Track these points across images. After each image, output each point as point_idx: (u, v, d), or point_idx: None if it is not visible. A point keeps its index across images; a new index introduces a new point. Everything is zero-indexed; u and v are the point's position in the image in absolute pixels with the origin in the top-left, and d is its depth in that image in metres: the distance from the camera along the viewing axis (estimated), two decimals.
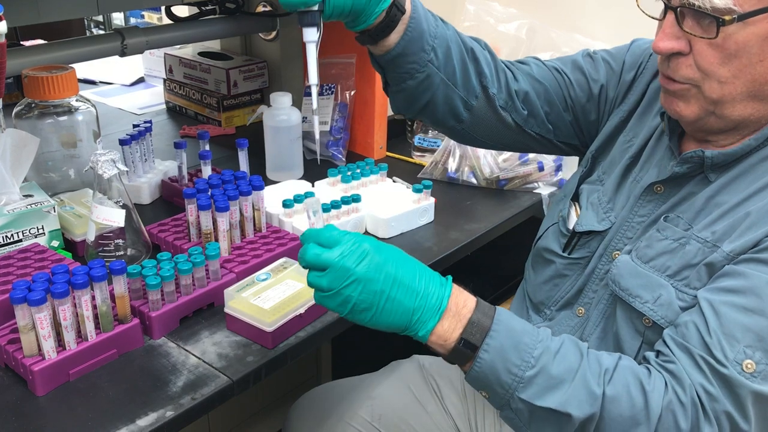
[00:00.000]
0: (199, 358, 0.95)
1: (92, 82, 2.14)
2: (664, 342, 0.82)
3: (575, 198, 1.06)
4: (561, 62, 1.10)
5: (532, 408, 0.78)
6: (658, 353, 0.82)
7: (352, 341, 1.65)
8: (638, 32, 1.07)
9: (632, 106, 1.04)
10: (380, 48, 0.94)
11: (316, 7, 0.81)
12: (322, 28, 0.85)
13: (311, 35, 0.83)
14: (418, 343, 0.82)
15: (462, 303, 0.81)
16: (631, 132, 1.02)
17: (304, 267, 0.80)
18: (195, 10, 1.74)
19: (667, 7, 0.83)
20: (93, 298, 0.92)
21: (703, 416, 0.76)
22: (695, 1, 0.78)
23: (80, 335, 0.92)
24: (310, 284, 0.79)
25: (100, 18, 3.09)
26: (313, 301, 1.01)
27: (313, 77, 0.85)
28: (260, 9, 1.79)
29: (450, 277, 0.83)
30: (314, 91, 0.86)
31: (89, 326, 0.91)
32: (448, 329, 0.79)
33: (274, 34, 1.82)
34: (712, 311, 0.79)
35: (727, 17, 0.77)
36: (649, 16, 0.86)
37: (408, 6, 0.93)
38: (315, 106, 0.85)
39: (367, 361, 1.43)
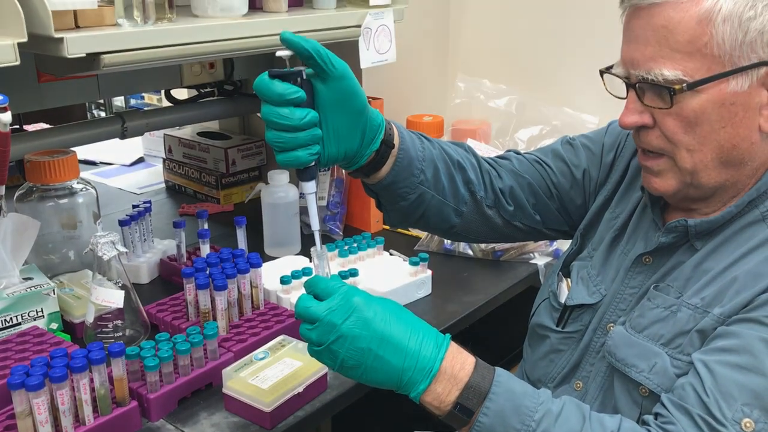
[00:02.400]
0: None
1: (93, 163, 2.18)
2: (662, 404, 0.82)
3: (566, 273, 1.08)
4: (541, 153, 1.14)
5: None
6: (657, 415, 0.82)
7: (352, 419, 1.62)
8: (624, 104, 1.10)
9: (615, 185, 1.07)
10: (372, 179, 0.96)
11: (312, 163, 0.85)
12: (318, 178, 0.88)
13: (310, 188, 0.87)
14: (419, 419, 0.82)
15: (459, 365, 0.80)
16: (618, 208, 1.05)
17: (296, 318, 0.81)
18: (194, 92, 1.79)
19: (628, 86, 0.86)
20: (91, 381, 0.92)
21: None
22: (648, 75, 0.82)
23: (78, 419, 0.91)
24: (301, 336, 0.80)
25: (101, 100, 3.17)
26: (312, 380, 1.01)
27: (315, 224, 0.88)
28: None
29: (448, 337, 0.82)
30: (317, 236, 0.89)
31: (87, 410, 0.91)
32: (443, 392, 0.78)
33: None
34: (707, 371, 0.79)
35: (677, 87, 0.80)
36: (616, 96, 0.90)
37: (396, 140, 0.95)
38: (319, 249, 0.89)
39: None
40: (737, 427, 0.75)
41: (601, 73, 0.90)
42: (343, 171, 1.63)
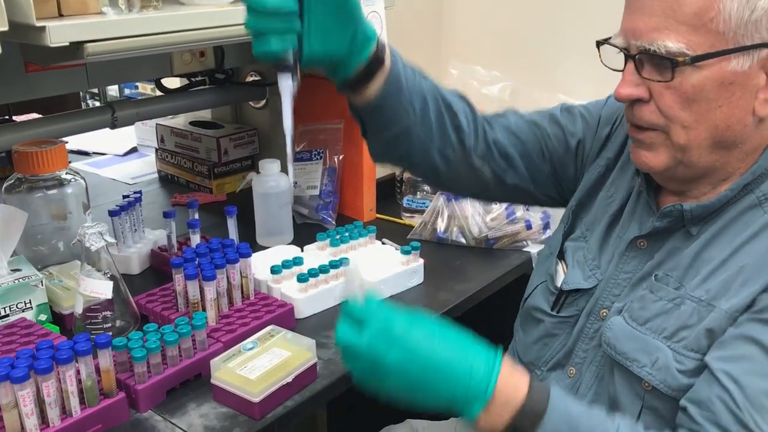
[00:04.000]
0: None
1: (86, 153, 2.17)
2: (693, 419, 0.80)
3: (561, 256, 1.07)
4: (539, 115, 1.11)
5: None
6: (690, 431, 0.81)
7: (346, 406, 1.62)
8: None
9: (610, 161, 1.05)
10: (359, 99, 0.94)
11: (291, 58, 0.81)
12: (299, 77, 0.84)
13: (286, 83, 0.83)
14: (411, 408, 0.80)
15: (513, 388, 0.78)
16: (612, 187, 1.03)
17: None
18: (185, 81, 1.78)
19: (627, 57, 0.85)
20: (78, 372, 0.91)
21: None
22: (650, 46, 0.80)
23: (65, 411, 0.91)
24: (344, 367, 0.81)
25: (95, 89, 3.15)
26: (301, 370, 1.01)
27: (288, 127, 0.86)
28: (249, 78, 1.83)
29: (500, 354, 0.80)
30: (289, 140, 0.86)
31: (74, 402, 0.90)
32: (497, 416, 0.77)
33: (263, 102, 1.85)
34: (734, 384, 0.78)
35: (680, 59, 0.79)
36: (612, 69, 0.88)
37: (388, 59, 0.92)
38: (290, 151, 0.87)
39: (360, 426, 1.41)
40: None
41: (598, 44, 0.89)
42: (336, 159, 1.62)
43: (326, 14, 0.83)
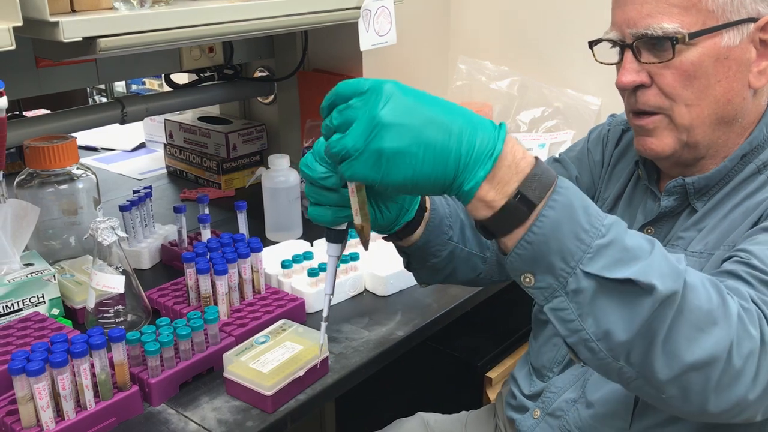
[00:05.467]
0: (198, 425, 0.94)
1: (94, 149, 2.17)
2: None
3: None
4: None
5: (600, 285, 0.64)
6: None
7: (356, 400, 1.63)
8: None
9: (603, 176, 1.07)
10: (406, 242, 0.94)
11: (344, 226, 0.82)
12: (345, 243, 0.84)
13: (333, 251, 0.83)
14: (422, 401, 0.80)
15: (521, 153, 0.67)
16: (605, 194, 1.05)
17: (325, 138, 0.69)
18: (194, 76, 1.78)
19: (624, 47, 0.87)
20: (92, 366, 0.92)
21: (767, 325, 0.69)
22: (647, 30, 0.84)
23: (79, 404, 0.91)
24: (332, 154, 0.67)
25: (101, 85, 3.16)
26: (312, 363, 1.01)
27: (329, 288, 0.84)
28: (258, 74, 1.84)
29: (504, 124, 0.68)
30: (326, 300, 0.85)
31: (88, 395, 0.91)
32: (503, 180, 0.66)
33: (271, 97, 1.86)
34: (746, 254, 0.75)
35: (678, 36, 0.83)
36: (608, 63, 0.92)
37: (428, 202, 0.93)
38: (326, 313, 0.85)
39: (371, 420, 1.42)
40: None
41: (591, 45, 0.92)
42: None
43: (383, 197, 0.84)
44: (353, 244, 1.37)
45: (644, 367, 0.66)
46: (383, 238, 0.95)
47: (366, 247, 0.79)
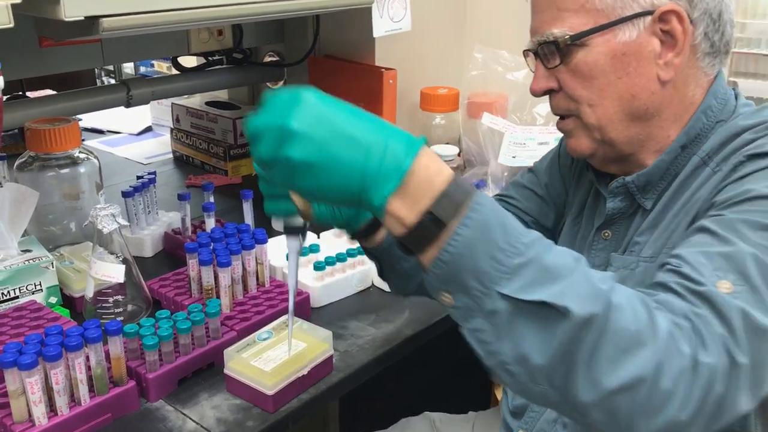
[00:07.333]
0: (197, 423, 0.91)
1: (100, 132, 2.14)
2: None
3: None
4: (503, 190, 1.12)
5: (515, 307, 0.62)
6: None
7: (360, 399, 1.60)
8: None
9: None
10: (370, 243, 0.95)
11: (298, 222, 0.82)
12: (304, 239, 0.85)
13: (293, 246, 0.83)
14: (429, 400, 0.77)
15: (435, 170, 0.64)
16: (574, 198, 1.03)
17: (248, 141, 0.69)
18: (202, 60, 1.74)
19: (534, 55, 0.88)
20: (87, 359, 0.88)
21: (700, 341, 0.64)
22: (542, 37, 0.85)
23: (73, 399, 0.88)
24: (255, 163, 0.69)
25: (110, 67, 3.12)
26: (317, 362, 0.98)
27: (292, 284, 0.85)
28: (267, 59, 1.80)
29: (423, 138, 0.66)
30: (291, 296, 0.86)
31: (83, 390, 0.88)
32: (413, 197, 0.63)
33: (281, 83, 1.81)
34: (677, 261, 0.70)
35: (560, 40, 0.83)
36: (532, 71, 0.92)
37: None
38: (291, 308, 0.87)
39: (376, 419, 1.38)
40: (714, 288, 0.66)
41: (524, 54, 0.92)
42: None
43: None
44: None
45: (567, 392, 0.62)
46: (350, 238, 0.95)
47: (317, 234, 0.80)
